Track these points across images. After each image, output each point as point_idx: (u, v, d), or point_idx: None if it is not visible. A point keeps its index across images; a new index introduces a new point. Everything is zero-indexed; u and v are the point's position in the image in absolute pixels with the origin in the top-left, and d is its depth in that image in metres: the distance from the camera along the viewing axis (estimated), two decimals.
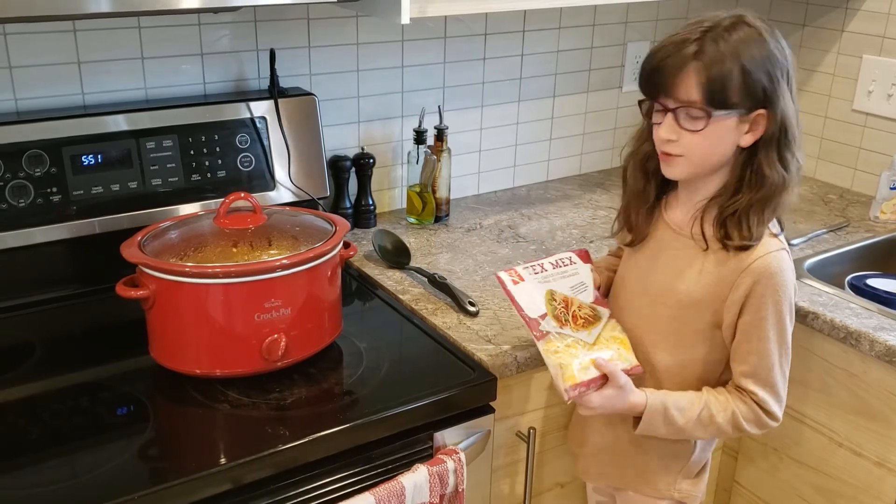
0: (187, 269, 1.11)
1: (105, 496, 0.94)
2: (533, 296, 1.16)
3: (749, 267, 1.09)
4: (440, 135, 1.71)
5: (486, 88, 1.86)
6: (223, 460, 1.01)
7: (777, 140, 1.07)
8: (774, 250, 1.10)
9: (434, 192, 1.72)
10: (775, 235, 1.12)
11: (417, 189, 1.72)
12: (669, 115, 1.07)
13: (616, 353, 1.15)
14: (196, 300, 1.12)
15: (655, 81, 1.08)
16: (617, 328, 1.18)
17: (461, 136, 1.84)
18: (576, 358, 1.12)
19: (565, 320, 1.15)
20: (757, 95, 1.05)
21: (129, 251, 1.15)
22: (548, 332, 1.13)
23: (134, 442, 1.06)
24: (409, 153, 1.73)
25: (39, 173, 1.32)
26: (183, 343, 1.16)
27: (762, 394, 1.12)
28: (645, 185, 1.18)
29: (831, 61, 2.00)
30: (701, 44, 1.05)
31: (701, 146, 1.07)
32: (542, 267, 1.20)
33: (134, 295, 1.13)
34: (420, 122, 1.70)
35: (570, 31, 1.94)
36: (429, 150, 1.70)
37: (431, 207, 1.73)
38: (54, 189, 1.33)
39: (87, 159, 1.35)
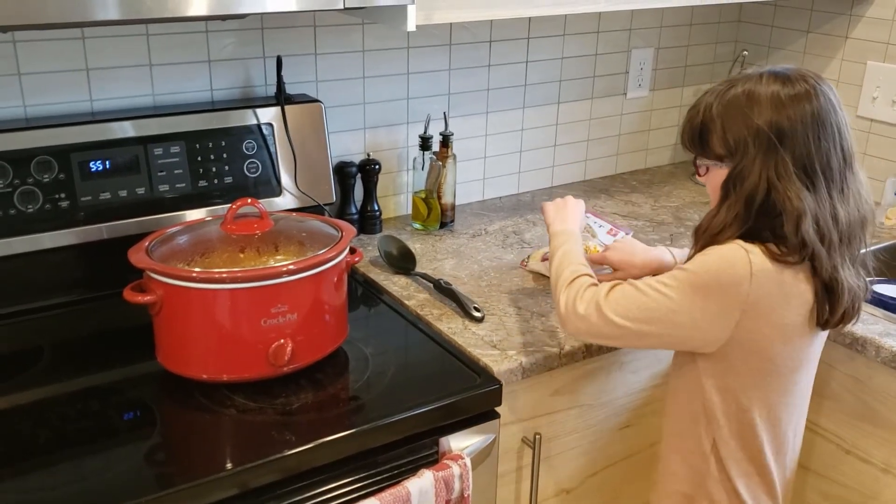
0: (194, 275, 1.12)
1: (112, 500, 0.95)
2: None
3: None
4: (445, 141, 1.71)
5: (491, 95, 1.87)
6: (230, 465, 1.02)
7: (728, 189, 1.10)
8: (733, 243, 1.09)
9: (439, 198, 1.73)
10: (759, 246, 1.09)
11: (423, 195, 1.72)
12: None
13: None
14: (203, 305, 1.13)
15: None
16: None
17: (466, 142, 1.85)
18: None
19: None
20: (731, 150, 1.10)
21: (137, 256, 1.15)
22: None
23: (141, 446, 1.06)
24: (414, 159, 1.74)
25: (48, 179, 1.32)
26: (190, 348, 1.16)
27: (606, 289, 1.13)
28: None
29: (835, 68, 2.00)
30: (704, 95, 1.14)
31: (713, 191, 1.15)
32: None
33: (141, 300, 1.14)
34: (425, 129, 1.71)
35: (575, 37, 1.94)
36: (434, 157, 1.71)
37: (437, 213, 1.73)
38: (62, 195, 1.34)
39: (95, 165, 1.36)
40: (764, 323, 1.09)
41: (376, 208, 1.71)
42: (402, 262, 1.54)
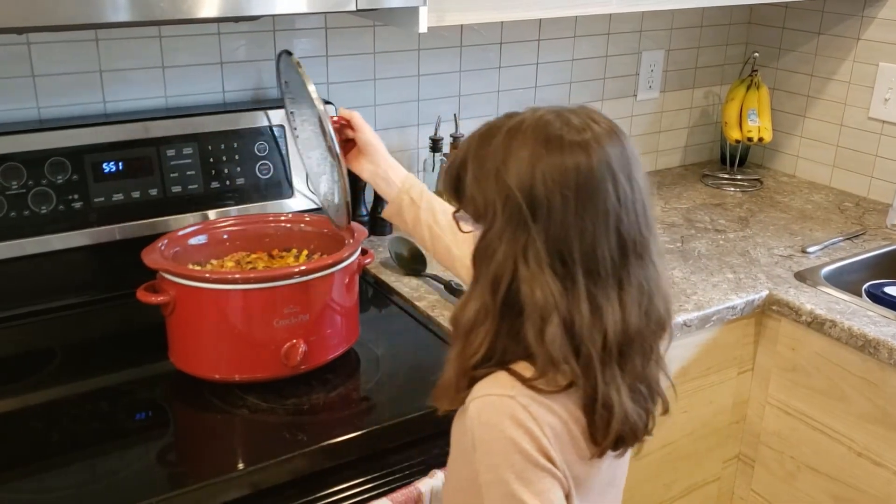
0: (207, 276, 1.12)
1: (124, 501, 0.95)
2: None
3: (468, 406, 0.84)
4: (456, 143, 1.71)
5: (502, 97, 1.87)
6: (241, 465, 1.02)
7: (476, 264, 0.84)
8: (485, 395, 0.82)
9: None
10: (518, 378, 0.81)
11: None
12: None
13: None
14: (216, 306, 1.13)
15: None
16: None
17: None
18: None
19: None
20: (479, 212, 0.83)
21: (151, 257, 1.16)
22: None
23: (153, 447, 1.07)
24: (424, 161, 1.74)
25: (61, 180, 1.33)
26: (202, 348, 1.17)
27: None
28: None
29: (847, 69, 2.00)
30: (471, 135, 0.88)
31: None
32: None
33: (154, 301, 1.14)
34: (436, 131, 1.71)
35: (585, 39, 1.94)
36: (444, 158, 1.71)
37: None
38: (76, 196, 1.34)
39: (109, 166, 1.37)
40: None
41: None
42: (413, 263, 1.55)
